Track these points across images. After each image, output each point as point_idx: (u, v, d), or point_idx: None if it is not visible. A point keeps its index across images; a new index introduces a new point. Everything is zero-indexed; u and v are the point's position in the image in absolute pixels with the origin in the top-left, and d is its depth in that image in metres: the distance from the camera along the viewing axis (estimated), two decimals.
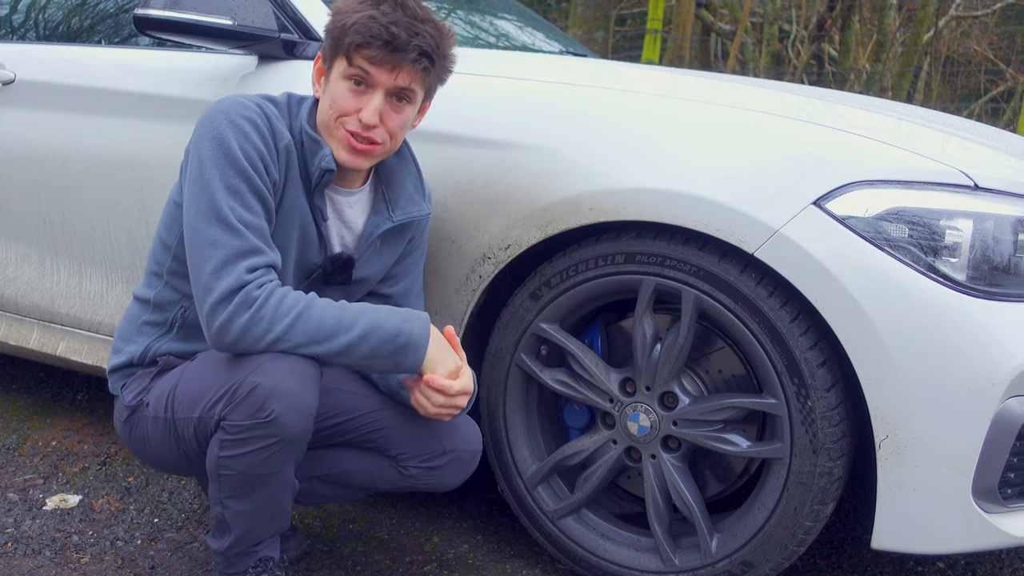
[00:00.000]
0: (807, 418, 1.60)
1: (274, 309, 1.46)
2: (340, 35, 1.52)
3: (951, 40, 8.02)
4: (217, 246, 1.46)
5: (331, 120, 1.57)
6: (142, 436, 1.66)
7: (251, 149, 1.50)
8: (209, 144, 1.50)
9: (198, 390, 1.54)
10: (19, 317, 2.44)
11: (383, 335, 1.50)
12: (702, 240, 1.64)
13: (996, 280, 1.55)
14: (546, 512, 1.88)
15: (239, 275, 1.45)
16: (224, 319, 1.45)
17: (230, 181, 1.48)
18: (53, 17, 2.59)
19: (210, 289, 1.45)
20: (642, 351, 1.73)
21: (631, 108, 1.76)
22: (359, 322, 1.49)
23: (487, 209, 1.78)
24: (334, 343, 1.48)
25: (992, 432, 1.52)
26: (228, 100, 1.54)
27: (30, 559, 1.86)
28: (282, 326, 1.46)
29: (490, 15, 2.94)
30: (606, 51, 7.85)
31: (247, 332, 1.45)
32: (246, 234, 1.48)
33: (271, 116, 1.55)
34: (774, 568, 1.69)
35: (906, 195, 1.55)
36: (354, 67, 1.53)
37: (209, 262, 1.46)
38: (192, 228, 1.49)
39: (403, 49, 1.51)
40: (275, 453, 1.50)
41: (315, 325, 1.47)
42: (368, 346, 1.49)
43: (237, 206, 1.48)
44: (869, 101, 2.27)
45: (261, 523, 1.61)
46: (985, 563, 2.09)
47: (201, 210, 1.48)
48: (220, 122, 1.51)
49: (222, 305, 1.45)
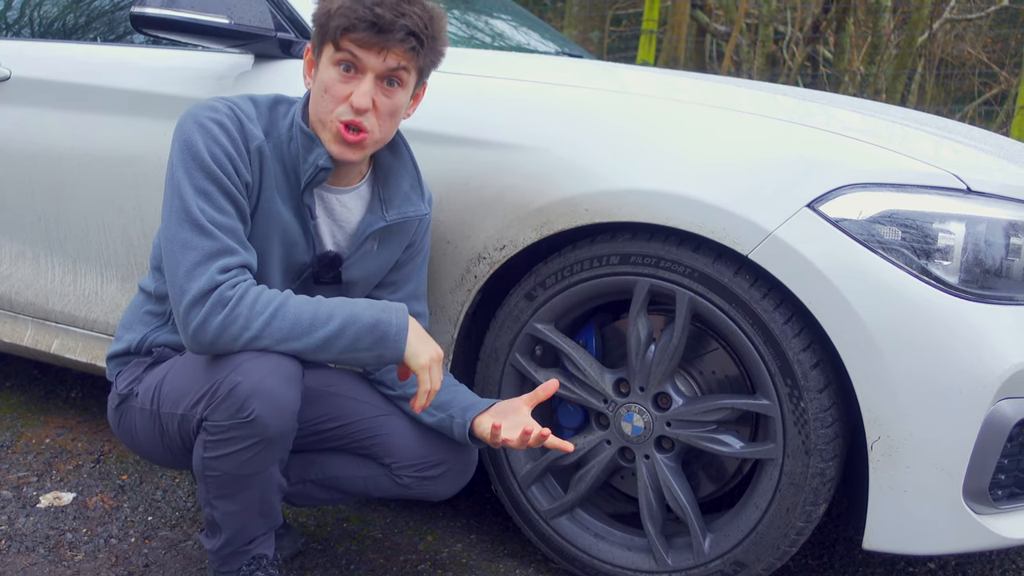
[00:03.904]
0: (800, 419, 1.61)
1: (249, 307, 1.45)
2: (326, 20, 1.51)
3: (945, 43, 8.05)
4: (189, 248, 1.46)
5: (323, 111, 1.54)
6: (130, 426, 1.67)
7: (219, 151, 1.49)
8: (179, 148, 1.50)
9: (182, 388, 1.54)
10: (13, 314, 2.44)
11: (361, 327, 1.49)
12: (696, 242, 1.65)
13: (988, 283, 1.56)
14: (540, 511, 1.88)
15: (211, 276, 1.45)
16: (199, 320, 1.44)
17: (199, 183, 1.48)
18: (49, 14, 2.59)
19: (184, 291, 1.45)
20: (636, 352, 1.74)
21: (626, 109, 1.77)
22: (336, 315, 1.49)
23: (482, 209, 1.79)
24: (312, 337, 1.47)
25: (983, 434, 1.53)
26: (199, 104, 1.54)
27: (24, 557, 1.85)
28: (259, 323, 1.45)
29: (485, 15, 2.94)
30: (601, 52, 7.86)
31: (223, 331, 1.44)
32: (217, 235, 1.47)
33: (242, 118, 1.53)
34: (766, 568, 1.70)
35: (899, 198, 1.56)
36: (342, 51, 1.51)
37: (182, 264, 1.46)
38: (166, 232, 1.50)
39: (389, 30, 1.48)
40: (258, 453, 1.50)
41: (292, 321, 1.46)
42: (347, 339, 1.48)
43: (208, 207, 1.47)
44: (863, 104, 2.28)
45: (251, 522, 1.61)
46: (976, 564, 2.10)
47: (173, 213, 1.49)
48: (188, 126, 1.50)
49: (196, 307, 1.44)
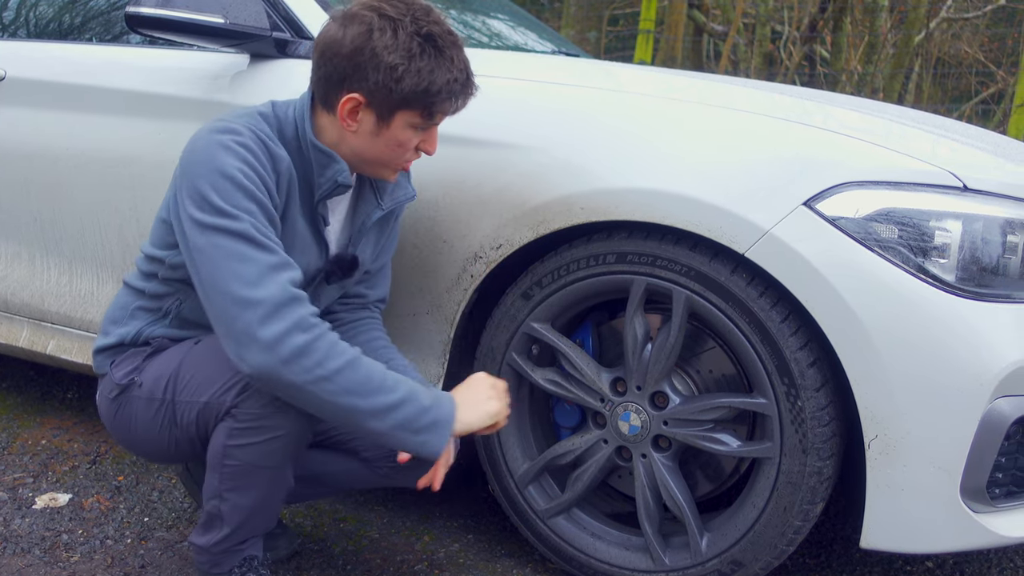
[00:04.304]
0: (797, 418, 1.61)
1: (329, 346, 1.40)
2: (422, 95, 1.49)
3: (942, 42, 8.05)
4: (247, 260, 1.40)
5: (393, 159, 1.57)
6: (128, 417, 1.63)
7: (253, 175, 1.46)
8: (207, 172, 1.44)
9: (208, 375, 1.53)
10: (9, 315, 2.43)
11: (419, 407, 1.45)
12: (693, 240, 1.65)
13: (985, 281, 1.55)
14: (537, 511, 1.88)
15: (283, 286, 1.40)
16: (277, 333, 1.37)
17: (241, 203, 1.43)
18: (44, 14, 2.58)
19: (248, 301, 1.38)
20: (633, 351, 1.74)
21: (623, 108, 1.76)
22: (400, 387, 1.44)
23: (479, 209, 1.79)
24: (375, 400, 1.42)
25: (980, 432, 1.53)
26: (215, 126, 1.49)
27: (19, 558, 1.85)
28: (333, 366, 1.39)
29: (483, 15, 2.94)
30: (599, 51, 7.85)
31: (300, 356, 1.37)
32: (276, 248, 1.44)
33: (264, 139, 1.51)
34: (764, 567, 1.70)
35: (896, 196, 1.55)
36: (434, 118, 1.54)
37: (240, 275, 1.39)
38: (208, 251, 1.42)
39: (473, 91, 1.56)
40: (284, 445, 1.52)
41: (363, 377, 1.41)
42: (403, 413, 1.44)
43: (258, 223, 1.44)
44: (860, 102, 2.28)
45: (255, 519, 1.61)
46: (973, 563, 2.10)
47: (219, 233, 1.41)
48: (213, 150, 1.45)
49: (272, 320, 1.37)
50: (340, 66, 1.49)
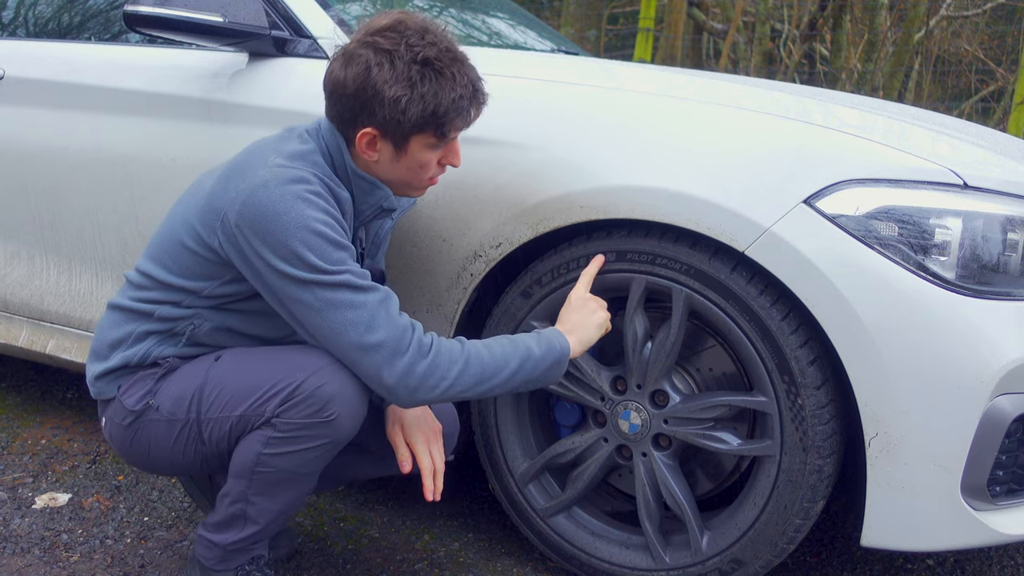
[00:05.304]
0: (797, 416, 1.61)
1: (447, 358, 1.51)
2: (430, 119, 1.51)
3: (942, 40, 8.04)
4: (356, 307, 1.47)
5: (419, 179, 1.61)
6: (147, 441, 1.61)
7: (332, 221, 1.50)
8: (297, 231, 1.46)
9: (242, 388, 1.53)
10: (8, 315, 2.43)
11: (534, 360, 1.58)
12: (693, 238, 1.65)
13: (985, 278, 1.55)
14: (537, 510, 1.88)
15: (394, 321, 1.48)
16: (405, 367, 1.47)
17: (331, 255, 1.47)
18: (43, 13, 2.58)
19: (369, 347, 1.47)
20: (633, 349, 1.73)
21: (622, 106, 1.76)
22: (513, 354, 1.56)
23: (478, 207, 1.78)
24: (496, 379, 1.54)
25: (981, 430, 1.53)
26: (281, 176, 1.48)
27: (19, 558, 1.85)
28: (454, 373, 1.50)
29: (482, 13, 2.93)
30: (598, 50, 7.85)
31: (426, 379, 1.48)
32: (374, 285, 1.50)
33: (329, 183, 1.54)
34: (764, 565, 1.70)
35: (896, 194, 1.55)
36: (448, 137, 1.56)
37: (354, 324, 1.47)
38: (317, 304, 1.47)
39: (486, 102, 1.59)
40: (322, 454, 1.54)
41: (481, 366, 1.53)
42: (523, 374, 1.57)
43: (354, 269, 1.49)
44: (860, 100, 2.27)
45: (278, 521, 1.62)
46: (974, 560, 2.10)
47: (323, 288, 1.46)
48: (289, 203, 1.46)
49: (398, 356, 1.47)
50: (349, 105, 1.53)
